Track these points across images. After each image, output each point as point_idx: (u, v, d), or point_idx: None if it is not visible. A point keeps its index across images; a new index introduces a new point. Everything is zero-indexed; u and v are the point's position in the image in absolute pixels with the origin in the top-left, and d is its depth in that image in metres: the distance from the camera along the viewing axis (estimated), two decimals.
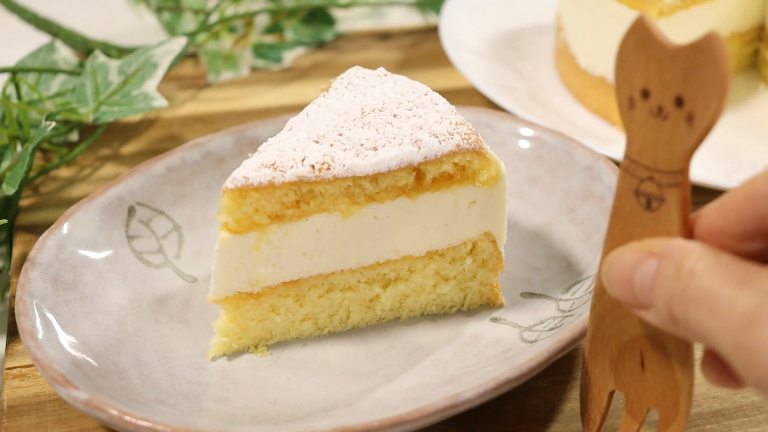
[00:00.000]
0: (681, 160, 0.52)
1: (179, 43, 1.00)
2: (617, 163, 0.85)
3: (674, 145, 0.52)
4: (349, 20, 1.31)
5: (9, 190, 0.84)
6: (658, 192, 0.53)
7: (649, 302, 0.52)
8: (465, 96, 1.09)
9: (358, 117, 0.73)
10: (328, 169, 0.69)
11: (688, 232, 0.53)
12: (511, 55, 1.15)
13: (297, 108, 0.93)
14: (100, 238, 0.79)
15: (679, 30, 0.99)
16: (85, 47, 1.11)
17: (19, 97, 0.95)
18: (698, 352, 0.68)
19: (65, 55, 1.08)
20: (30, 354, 0.66)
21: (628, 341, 0.58)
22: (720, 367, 0.54)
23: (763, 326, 0.45)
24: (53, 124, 0.86)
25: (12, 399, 0.71)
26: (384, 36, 1.26)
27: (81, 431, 0.69)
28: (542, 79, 1.12)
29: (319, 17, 1.25)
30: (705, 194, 0.90)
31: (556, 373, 0.72)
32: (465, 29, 1.16)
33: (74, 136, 1.01)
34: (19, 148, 0.93)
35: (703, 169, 0.93)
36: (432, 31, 1.25)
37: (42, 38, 1.15)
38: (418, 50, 1.22)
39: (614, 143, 0.99)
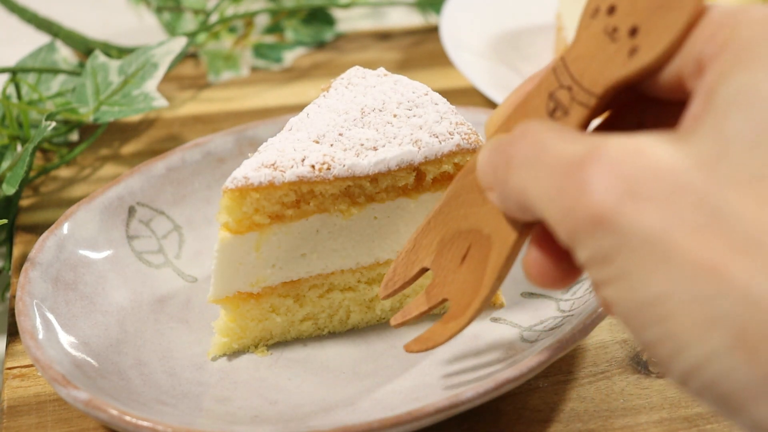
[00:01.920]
0: (602, 86, 0.51)
1: (179, 43, 1.00)
2: None
3: (606, 69, 0.51)
4: (349, 20, 1.31)
5: (9, 190, 0.84)
6: (567, 104, 0.53)
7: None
8: (465, 96, 1.09)
9: (358, 117, 0.73)
10: (329, 169, 0.69)
11: None
12: (511, 55, 1.15)
13: (297, 108, 0.93)
14: (100, 238, 0.79)
15: None
16: (85, 47, 1.11)
17: (19, 97, 0.95)
18: None
19: (65, 55, 1.08)
20: (30, 354, 0.66)
21: (464, 231, 0.59)
22: (544, 260, 0.53)
23: (594, 165, 0.43)
24: (53, 124, 0.86)
25: (12, 399, 0.71)
26: (384, 36, 1.26)
27: (81, 431, 0.69)
28: None
29: (319, 17, 1.25)
30: None
31: (556, 373, 0.72)
32: (465, 29, 1.16)
33: (74, 136, 1.01)
34: (19, 148, 0.93)
35: None
36: (432, 31, 1.25)
37: (42, 38, 1.15)
38: (418, 50, 1.22)
39: None
